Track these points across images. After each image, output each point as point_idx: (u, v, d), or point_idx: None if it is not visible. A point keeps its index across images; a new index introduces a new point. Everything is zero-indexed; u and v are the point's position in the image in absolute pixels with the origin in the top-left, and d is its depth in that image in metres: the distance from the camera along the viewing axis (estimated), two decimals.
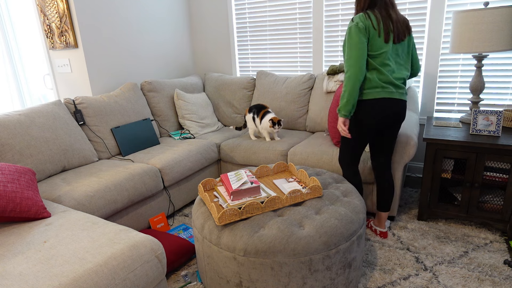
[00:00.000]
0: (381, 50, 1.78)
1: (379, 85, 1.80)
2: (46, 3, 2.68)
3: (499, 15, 2.03)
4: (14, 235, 1.44)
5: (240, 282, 1.50)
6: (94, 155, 2.43)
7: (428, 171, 2.19)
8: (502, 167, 2.06)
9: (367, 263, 1.89)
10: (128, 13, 3.00)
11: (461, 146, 2.07)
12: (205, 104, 3.23)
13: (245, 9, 3.41)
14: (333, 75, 2.87)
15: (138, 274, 1.30)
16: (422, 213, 2.28)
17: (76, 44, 2.68)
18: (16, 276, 1.16)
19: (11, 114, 2.09)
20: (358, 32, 1.74)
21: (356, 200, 1.72)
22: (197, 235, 1.66)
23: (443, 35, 2.67)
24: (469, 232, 2.14)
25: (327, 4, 3.02)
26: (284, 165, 2.06)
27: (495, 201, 2.16)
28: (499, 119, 2.08)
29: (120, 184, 2.05)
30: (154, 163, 2.36)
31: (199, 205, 1.75)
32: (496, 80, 2.58)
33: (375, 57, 1.80)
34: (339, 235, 1.48)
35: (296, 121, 3.02)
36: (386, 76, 1.80)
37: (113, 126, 2.59)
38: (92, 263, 1.22)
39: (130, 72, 3.09)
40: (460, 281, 1.72)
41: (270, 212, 1.60)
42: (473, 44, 2.13)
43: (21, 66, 3.35)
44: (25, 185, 1.59)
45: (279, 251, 1.41)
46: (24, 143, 2.03)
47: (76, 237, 1.38)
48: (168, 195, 2.45)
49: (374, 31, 1.76)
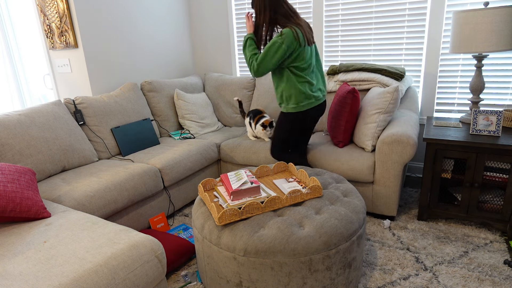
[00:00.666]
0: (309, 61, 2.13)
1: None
2: (46, 3, 2.68)
3: (499, 15, 2.03)
4: (14, 235, 1.44)
5: (240, 282, 1.50)
6: (94, 155, 2.43)
7: (428, 171, 2.19)
8: (502, 167, 2.06)
9: (367, 263, 1.89)
10: (128, 13, 3.00)
11: (461, 146, 2.07)
12: (205, 104, 3.23)
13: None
14: (333, 75, 2.87)
15: (138, 274, 1.30)
16: (422, 213, 2.28)
17: (76, 44, 2.68)
18: (16, 276, 1.16)
19: (11, 114, 2.09)
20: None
21: (356, 200, 1.72)
22: (197, 235, 1.66)
23: (443, 35, 2.67)
24: (469, 232, 2.14)
25: (327, 4, 3.02)
26: (284, 165, 2.06)
27: (495, 201, 2.16)
28: (499, 119, 2.08)
29: (120, 184, 2.05)
30: (154, 163, 2.36)
31: (199, 205, 1.75)
32: (496, 80, 2.58)
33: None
34: (339, 235, 1.48)
35: None
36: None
37: (113, 126, 2.59)
38: (92, 263, 1.22)
39: (130, 72, 3.09)
40: (460, 281, 1.72)
41: (270, 212, 1.60)
42: (473, 44, 2.13)
43: (21, 66, 3.35)
44: (25, 185, 1.59)
45: (279, 251, 1.41)
46: (24, 143, 2.03)
47: (76, 237, 1.38)
48: (168, 195, 2.45)
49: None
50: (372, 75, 2.65)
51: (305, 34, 2.06)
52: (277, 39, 2.01)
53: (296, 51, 2.05)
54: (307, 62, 2.12)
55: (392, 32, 2.84)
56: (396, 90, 2.21)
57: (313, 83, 2.17)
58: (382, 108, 2.25)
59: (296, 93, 2.14)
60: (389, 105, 2.23)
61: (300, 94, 2.14)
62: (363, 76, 2.68)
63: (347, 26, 3.00)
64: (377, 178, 2.23)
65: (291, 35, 1.99)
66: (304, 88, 2.14)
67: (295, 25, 2.04)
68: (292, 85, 2.13)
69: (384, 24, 2.85)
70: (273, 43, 2.02)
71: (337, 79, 2.81)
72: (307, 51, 2.10)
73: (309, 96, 2.16)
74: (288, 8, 2.09)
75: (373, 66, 2.68)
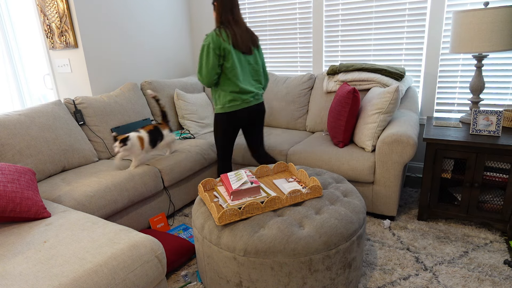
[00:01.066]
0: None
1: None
2: (46, 3, 2.68)
3: (499, 15, 2.03)
4: (14, 235, 1.44)
5: (240, 282, 1.50)
6: (94, 155, 2.43)
7: (428, 171, 2.19)
8: (502, 167, 2.06)
9: (367, 263, 1.89)
10: (128, 13, 3.00)
11: (461, 146, 2.07)
12: (205, 104, 3.23)
13: (245, 9, 3.41)
14: (333, 75, 2.87)
15: (138, 274, 1.30)
16: (422, 213, 2.28)
17: (76, 44, 2.68)
18: (16, 276, 1.16)
19: (11, 114, 2.09)
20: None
21: (356, 200, 1.72)
22: (197, 235, 1.66)
23: (443, 35, 2.67)
24: (469, 232, 2.14)
25: (327, 4, 3.02)
26: (284, 165, 2.06)
27: (495, 201, 2.16)
28: (499, 119, 2.08)
29: (120, 184, 2.05)
30: (154, 163, 2.36)
31: (199, 205, 1.75)
32: (496, 80, 2.58)
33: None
34: (339, 235, 1.48)
35: (296, 121, 3.02)
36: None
37: (113, 126, 2.59)
38: (92, 263, 1.22)
39: (130, 72, 3.09)
40: (460, 281, 1.72)
41: (270, 212, 1.60)
42: (473, 44, 2.13)
43: (21, 66, 3.34)
44: (25, 185, 1.59)
45: (279, 251, 1.41)
46: (24, 143, 2.03)
47: (76, 237, 1.38)
48: (168, 195, 2.45)
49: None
50: (372, 75, 2.65)
51: (234, 36, 2.13)
52: (202, 44, 2.12)
53: (224, 50, 2.09)
54: (234, 64, 2.14)
55: (392, 32, 2.84)
56: (396, 90, 2.21)
57: (240, 86, 2.18)
58: (382, 108, 2.25)
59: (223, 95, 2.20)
60: (389, 105, 2.23)
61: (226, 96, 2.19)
62: (363, 76, 2.68)
63: (347, 26, 3.00)
64: (377, 178, 2.23)
65: (213, 33, 2.09)
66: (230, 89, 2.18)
67: (224, 28, 2.13)
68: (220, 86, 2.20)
69: (384, 24, 2.85)
70: (201, 48, 2.12)
71: (337, 79, 2.81)
72: (234, 53, 2.14)
73: (236, 98, 2.19)
74: (232, 18, 2.17)
75: (373, 66, 2.68)
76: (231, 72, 2.14)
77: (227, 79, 2.15)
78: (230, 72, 2.14)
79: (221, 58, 2.11)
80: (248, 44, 2.21)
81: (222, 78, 2.17)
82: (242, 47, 2.17)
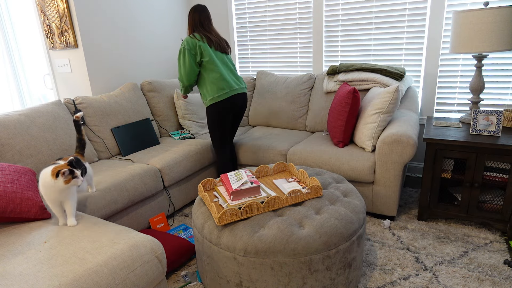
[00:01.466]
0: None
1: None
2: (46, 3, 2.68)
3: (499, 15, 2.03)
4: (14, 235, 1.44)
5: (240, 282, 1.50)
6: (94, 155, 2.43)
7: (428, 171, 2.19)
8: (502, 167, 2.06)
9: (367, 263, 1.89)
10: (128, 13, 3.00)
11: (461, 146, 2.07)
12: None
13: (245, 9, 3.41)
14: (333, 75, 2.87)
15: (138, 274, 1.30)
16: (422, 213, 2.28)
17: (76, 44, 2.68)
18: (16, 276, 1.16)
19: (11, 114, 2.09)
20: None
21: (356, 200, 1.72)
22: (197, 235, 1.66)
23: (443, 35, 2.67)
24: (469, 232, 2.14)
25: (327, 4, 3.02)
26: (284, 165, 2.06)
27: (495, 201, 2.16)
28: (499, 119, 2.08)
29: (120, 184, 2.05)
30: (154, 163, 2.36)
31: (199, 205, 1.75)
32: (496, 80, 2.58)
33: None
34: (339, 235, 1.48)
35: (296, 121, 3.02)
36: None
37: (113, 126, 2.59)
38: (92, 263, 1.22)
39: (130, 72, 3.09)
40: (460, 281, 1.72)
41: (270, 212, 1.60)
42: (473, 44, 2.13)
43: (21, 66, 3.35)
44: (25, 186, 1.59)
45: (279, 251, 1.41)
46: (24, 143, 2.03)
47: (76, 237, 1.38)
48: (168, 195, 2.45)
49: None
50: (372, 75, 2.65)
51: (208, 37, 2.33)
52: (179, 48, 2.28)
53: (200, 47, 2.28)
54: (212, 58, 2.32)
55: (392, 32, 2.84)
56: (396, 90, 2.21)
57: (222, 73, 2.35)
58: (382, 108, 2.25)
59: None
60: (389, 105, 2.23)
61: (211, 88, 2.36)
62: (363, 76, 2.68)
63: (347, 26, 3.00)
64: (377, 178, 2.23)
65: (188, 37, 2.30)
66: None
67: (198, 32, 2.35)
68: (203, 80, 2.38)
69: (384, 24, 2.85)
70: (178, 52, 2.33)
71: (337, 79, 2.81)
72: (211, 49, 2.33)
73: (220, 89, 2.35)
74: (203, 29, 2.38)
75: (373, 66, 2.68)
76: (211, 64, 2.31)
77: (209, 71, 2.32)
78: (210, 65, 2.31)
79: (198, 56, 2.29)
80: (223, 44, 2.42)
81: (205, 73, 2.33)
82: (216, 46, 2.37)
